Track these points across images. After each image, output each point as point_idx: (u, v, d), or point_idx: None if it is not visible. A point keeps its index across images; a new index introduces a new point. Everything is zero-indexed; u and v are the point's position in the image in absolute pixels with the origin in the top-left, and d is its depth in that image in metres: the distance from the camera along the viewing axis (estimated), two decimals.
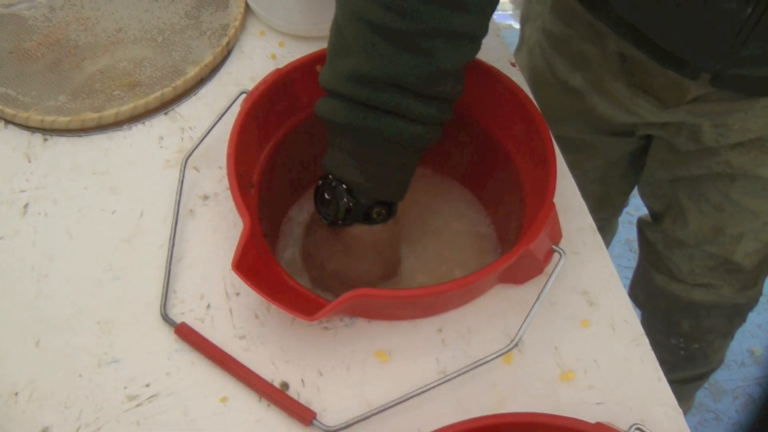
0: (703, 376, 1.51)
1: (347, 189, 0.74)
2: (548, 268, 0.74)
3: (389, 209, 0.77)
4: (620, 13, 0.85)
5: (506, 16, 2.84)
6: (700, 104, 0.91)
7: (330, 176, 0.75)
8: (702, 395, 1.86)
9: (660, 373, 0.72)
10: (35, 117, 0.91)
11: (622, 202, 1.37)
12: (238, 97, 0.83)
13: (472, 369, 0.68)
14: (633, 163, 1.22)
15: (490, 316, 0.75)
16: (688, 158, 1.02)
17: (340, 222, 0.76)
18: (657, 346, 1.34)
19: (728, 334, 1.34)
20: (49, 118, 0.91)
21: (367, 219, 0.76)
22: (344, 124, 0.70)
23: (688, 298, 1.20)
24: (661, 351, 1.35)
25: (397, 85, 0.67)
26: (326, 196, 0.75)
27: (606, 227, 1.53)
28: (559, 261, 0.70)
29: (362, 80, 0.67)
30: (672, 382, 1.46)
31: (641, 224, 1.25)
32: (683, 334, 1.30)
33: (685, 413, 1.72)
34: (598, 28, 0.94)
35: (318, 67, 0.83)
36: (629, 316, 0.75)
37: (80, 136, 0.92)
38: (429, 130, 0.71)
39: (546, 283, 0.69)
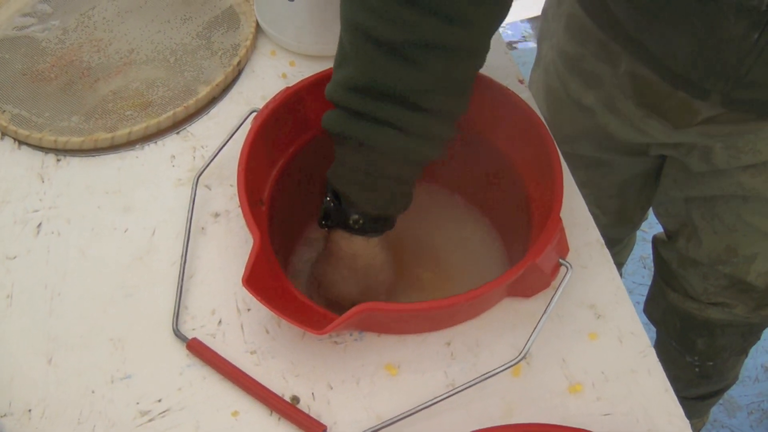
0: (717, 393, 1.50)
1: (334, 191, 0.75)
2: (556, 282, 0.74)
3: (368, 222, 0.76)
4: (631, 33, 0.86)
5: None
6: (710, 125, 0.91)
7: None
8: (716, 411, 1.85)
9: (667, 384, 0.72)
10: (48, 138, 0.92)
11: (641, 216, 1.37)
12: (248, 115, 0.84)
13: (480, 381, 0.68)
14: (649, 180, 1.22)
15: (498, 330, 0.76)
16: (700, 178, 1.02)
17: (323, 222, 0.77)
18: (672, 364, 1.35)
19: (743, 352, 1.34)
20: (62, 139, 0.92)
21: (346, 227, 0.76)
22: (338, 133, 0.71)
23: (703, 316, 1.19)
24: (675, 369, 1.36)
25: (391, 96, 0.67)
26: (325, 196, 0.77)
27: (625, 241, 1.53)
28: (566, 275, 0.70)
29: (357, 90, 0.68)
30: (687, 399, 1.46)
31: (656, 242, 1.25)
32: (698, 352, 1.29)
33: (699, 430, 1.72)
34: (611, 47, 0.94)
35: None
36: (636, 329, 0.75)
37: (93, 156, 0.93)
38: (425, 144, 0.71)
39: (553, 297, 0.69)
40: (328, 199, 0.75)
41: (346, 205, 0.75)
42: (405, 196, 0.76)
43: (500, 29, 0.76)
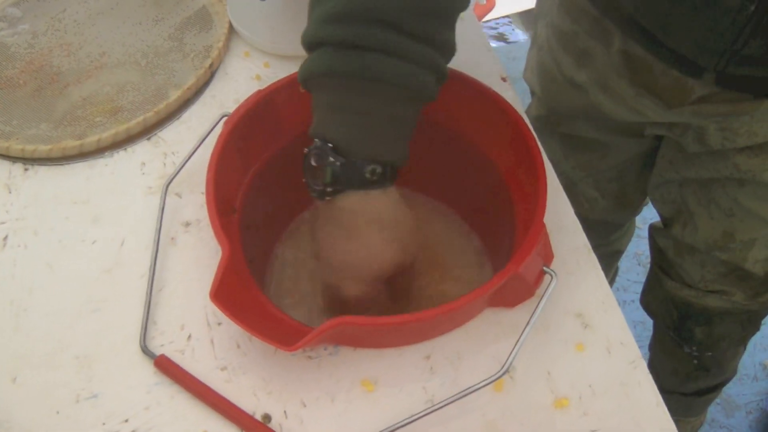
0: (716, 388, 1.49)
1: (334, 148, 0.66)
2: (540, 290, 0.71)
3: (386, 170, 0.68)
4: (625, 8, 0.84)
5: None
6: (704, 105, 0.89)
7: (315, 140, 0.67)
8: (714, 410, 1.83)
9: (659, 397, 0.69)
10: (16, 146, 0.89)
11: (641, 200, 1.35)
12: (219, 120, 0.81)
13: (461, 397, 0.65)
14: (648, 162, 1.20)
15: (480, 342, 0.73)
16: (696, 160, 1.01)
17: (329, 189, 0.67)
18: (670, 356, 1.34)
19: (741, 342, 1.32)
20: (30, 147, 0.89)
21: (362, 182, 0.67)
22: (325, 73, 0.64)
23: (701, 304, 1.18)
24: (673, 361, 1.35)
25: (379, 20, 0.62)
26: (313, 162, 0.67)
27: (625, 227, 1.51)
28: (550, 283, 0.67)
29: (341, 18, 0.62)
30: (685, 395, 1.45)
31: (652, 230, 1.24)
32: (696, 342, 1.28)
33: (697, 429, 1.71)
34: (604, 24, 0.92)
35: (302, 88, 0.81)
36: (626, 339, 0.72)
37: (61, 164, 0.90)
38: (422, 73, 0.65)
39: (537, 307, 0.66)
40: (332, 159, 0.66)
41: (354, 157, 0.66)
42: (407, 140, 0.69)
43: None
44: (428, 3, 0.63)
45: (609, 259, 1.59)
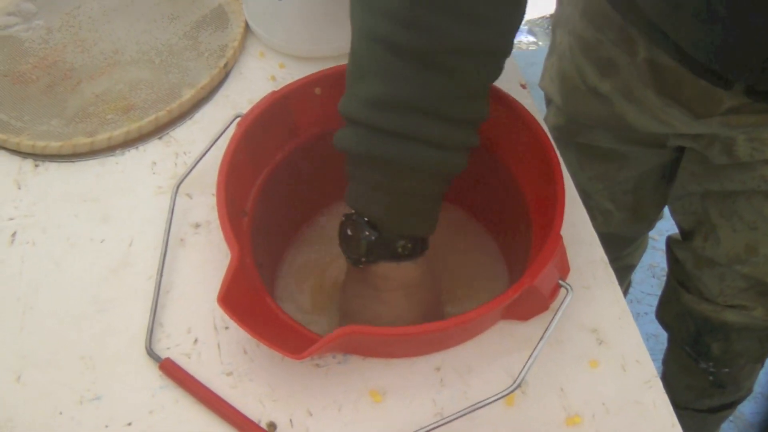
0: (731, 406, 1.46)
1: (369, 222, 0.69)
2: (555, 304, 0.70)
3: (417, 244, 0.71)
4: (652, 19, 0.82)
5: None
6: (734, 116, 0.87)
7: (353, 211, 0.70)
8: (727, 428, 1.81)
9: (674, 418, 0.67)
10: (27, 142, 0.88)
11: (656, 214, 1.34)
12: (232, 121, 0.80)
13: (471, 411, 0.63)
14: (666, 175, 1.18)
15: (491, 355, 0.71)
16: (720, 172, 0.99)
17: (363, 259, 0.71)
18: (684, 372, 1.32)
19: (760, 360, 1.30)
20: (41, 143, 0.88)
21: (394, 255, 0.71)
22: (364, 155, 0.65)
23: (719, 319, 1.16)
24: (688, 377, 1.33)
25: (419, 109, 0.62)
26: (348, 232, 0.71)
27: (638, 241, 1.49)
28: (565, 297, 0.66)
29: (382, 105, 0.63)
30: (698, 412, 1.43)
31: (670, 242, 1.22)
32: (713, 358, 1.25)
33: None
34: (630, 33, 0.91)
35: (317, 90, 0.80)
36: (642, 356, 0.70)
37: (72, 161, 0.89)
38: (455, 156, 0.67)
39: (551, 321, 0.64)
40: (367, 233, 0.69)
41: (388, 233, 0.69)
42: (437, 213, 0.73)
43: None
44: (464, 86, 0.64)
45: (621, 273, 1.57)
